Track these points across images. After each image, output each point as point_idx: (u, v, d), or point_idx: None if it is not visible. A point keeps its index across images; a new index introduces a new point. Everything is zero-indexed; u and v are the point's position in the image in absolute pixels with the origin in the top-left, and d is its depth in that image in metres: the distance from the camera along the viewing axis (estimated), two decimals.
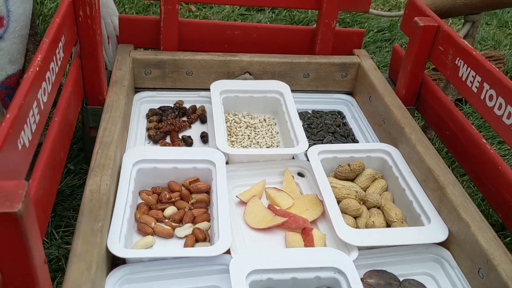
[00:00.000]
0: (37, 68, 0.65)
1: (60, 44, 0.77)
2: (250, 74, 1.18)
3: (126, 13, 1.90)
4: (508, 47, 1.89)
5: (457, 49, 0.92)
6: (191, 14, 1.98)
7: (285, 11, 2.01)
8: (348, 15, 2.00)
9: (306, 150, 0.96)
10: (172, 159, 0.90)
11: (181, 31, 1.17)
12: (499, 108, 0.79)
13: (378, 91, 1.09)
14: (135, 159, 0.88)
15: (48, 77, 0.70)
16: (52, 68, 0.73)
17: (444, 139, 0.99)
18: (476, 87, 0.86)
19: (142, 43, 1.18)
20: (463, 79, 0.90)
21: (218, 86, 1.11)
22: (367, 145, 1.00)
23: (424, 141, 0.92)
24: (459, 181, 1.20)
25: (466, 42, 0.90)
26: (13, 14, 0.89)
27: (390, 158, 0.96)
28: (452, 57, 0.93)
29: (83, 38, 0.89)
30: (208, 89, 1.14)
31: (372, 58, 1.75)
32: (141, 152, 0.90)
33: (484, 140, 0.86)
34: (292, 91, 1.18)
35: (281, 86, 1.14)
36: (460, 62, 0.91)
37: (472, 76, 0.87)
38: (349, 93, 1.24)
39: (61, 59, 0.78)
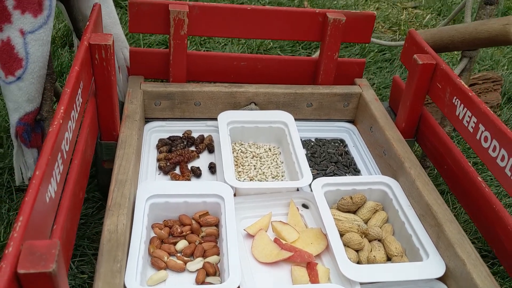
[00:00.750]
0: (61, 121, 0.69)
1: (79, 91, 0.82)
2: (255, 104, 1.23)
3: (127, 20, 1.95)
4: (506, 67, 1.93)
5: (454, 88, 0.96)
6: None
7: None
8: None
9: (310, 183, 1.00)
10: (182, 194, 0.95)
11: (189, 62, 1.22)
12: (494, 150, 0.84)
13: (379, 123, 1.13)
14: (148, 194, 0.93)
15: (70, 126, 0.75)
16: (73, 116, 0.77)
17: (442, 172, 1.03)
18: (472, 127, 0.91)
19: (151, 75, 1.23)
20: (460, 117, 0.94)
21: (225, 117, 1.16)
22: (369, 178, 1.04)
23: (423, 176, 0.97)
24: (456, 207, 1.25)
25: (462, 82, 0.95)
26: (31, 56, 0.93)
27: (390, 190, 1.01)
28: (449, 95, 0.98)
29: (98, 79, 0.94)
30: (215, 118, 1.19)
31: (372, 78, 1.80)
32: (153, 187, 0.94)
33: (480, 178, 0.91)
34: (296, 119, 1.23)
35: (285, 117, 1.19)
36: (457, 101, 0.95)
37: (468, 116, 0.92)
38: (351, 121, 1.29)
39: (80, 104, 0.83)
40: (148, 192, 0.93)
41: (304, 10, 1.20)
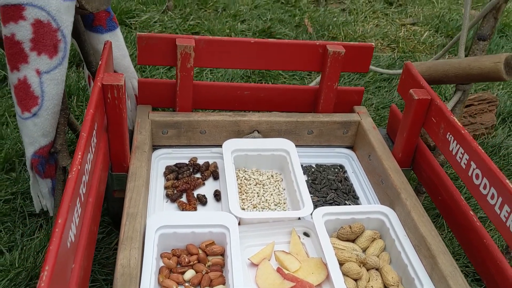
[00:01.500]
0: (79, 167, 0.75)
1: (94, 132, 0.87)
2: (258, 132, 1.28)
3: (136, 51, 2.00)
4: (501, 86, 1.99)
5: (448, 124, 1.01)
6: None
7: None
8: None
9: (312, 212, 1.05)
10: (190, 224, 1.00)
11: (195, 92, 1.27)
12: (484, 188, 0.89)
13: (376, 152, 1.19)
14: (157, 225, 0.98)
15: (86, 169, 0.80)
16: (89, 158, 0.82)
17: (436, 203, 1.09)
18: (464, 163, 0.96)
19: (159, 104, 1.28)
20: (453, 153, 0.99)
21: (230, 146, 1.21)
22: (367, 207, 1.09)
23: (418, 207, 1.02)
24: (451, 231, 1.30)
25: (456, 120, 1.00)
26: (47, 94, 0.98)
27: (387, 220, 1.06)
28: (443, 131, 1.03)
29: (110, 116, 0.99)
30: (220, 145, 1.24)
31: (371, 98, 1.85)
32: (162, 218, 0.99)
33: (471, 212, 0.96)
34: (297, 145, 1.28)
35: (287, 144, 1.24)
36: (451, 137, 1.00)
37: (461, 153, 0.97)
38: (350, 147, 1.34)
39: (95, 145, 0.88)
40: (157, 223, 0.98)
41: (305, 43, 1.25)
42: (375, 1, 2.72)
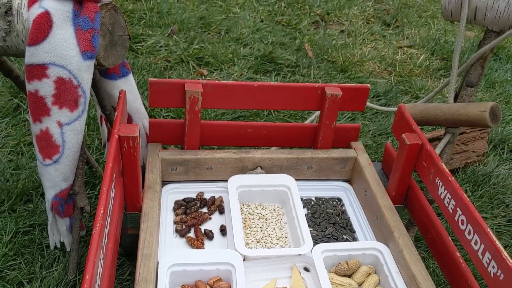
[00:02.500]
0: (102, 222, 0.83)
1: (113, 184, 0.96)
2: (261, 168, 1.36)
3: (143, 77, 2.09)
4: None
5: (437, 170, 1.10)
6: (203, 77, 2.16)
7: (290, 77, 2.19)
8: (348, 80, 2.18)
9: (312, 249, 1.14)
10: (198, 262, 1.08)
11: (202, 130, 1.35)
12: (469, 234, 0.97)
13: (372, 189, 1.27)
14: (169, 264, 1.06)
15: (107, 221, 0.89)
16: (109, 210, 0.91)
17: (427, 240, 1.17)
18: (451, 208, 1.04)
19: (168, 141, 1.36)
20: (442, 197, 1.08)
21: (235, 182, 1.30)
22: (363, 244, 1.18)
23: (410, 247, 1.10)
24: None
25: (444, 166, 1.08)
26: (67, 144, 1.07)
27: (381, 256, 1.14)
28: (433, 175, 1.11)
29: (126, 163, 1.07)
30: (225, 180, 1.33)
31: (368, 124, 1.94)
32: (173, 257, 1.08)
33: (458, 254, 1.04)
34: (298, 179, 1.37)
35: (288, 180, 1.33)
36: (439, 182, 1.09)
37: (448, 198, 1.05)
38: (347, 181, 1.42)
39: (114, 196, 0.96)
40: (169, 262, 1.06)
41: (304, 85, 1.33)
42: (373, 23, 2.80)
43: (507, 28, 1.14)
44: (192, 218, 1.26)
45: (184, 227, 1.24)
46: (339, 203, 1.37)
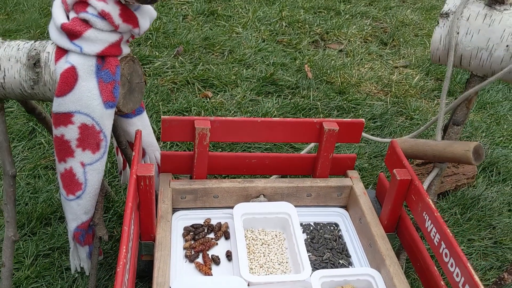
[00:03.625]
0: (124, 260, 0.94)
1: (132, 221, 1.07)
2: (264, 196, 1.48)
3: (151, 100, 2.20)
4: (484, 134, 2.18)
5: (424, 205, 1.21)
6: (208, 99, 2.27)
7: (290, 99, 2.30)
8: (345, 102, 2.29)
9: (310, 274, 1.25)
10: None
11: (210, 161, 1.46)
12: (451, 266, 1.08)
13: (366, 218, 1.38)
14: None
15: (128, 258, 1.00)
16: (130, 247, 1.02)
17: (416, 267, 1.28)
18: (436, 241, 1.15)
19: (178, 171, 1.47)
20: (428, 230, 1.19)
21: (239, 210, 1.41)
22: (357, 270, 1.29)
23: (400, 275, 1.21)
24: None
25: (431, 202, 1.19)
26: (89, 181, 1.18)
27: (374, 281, 1.25)
28: (421, 209, 1.23)
29: (142, 199, 1.19)
30: (231, 207, 1.44)
31: (364, 147, 2.04)
32: (184, 284, 1.19)
33: (442, 283, 1.16)
34: (298, 206, 1.48)
35: (289, 208, 1.44)
36: (426, 216, 1.20)
37: (434, 232, 1.16)
38: (344, 207, 1.54)
39: (133, 232, 1.07)
40: None
41: (304, 121, 1.44)
42: (371, 42, 2.91)
43: (490, 74, 1.25)
44: (200, 244, 1.37)
45: (193, 252, 1.35)
46: (336, 228, 1.49)
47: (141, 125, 1.37)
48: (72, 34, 1.08)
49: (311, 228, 1.47)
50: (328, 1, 3.33)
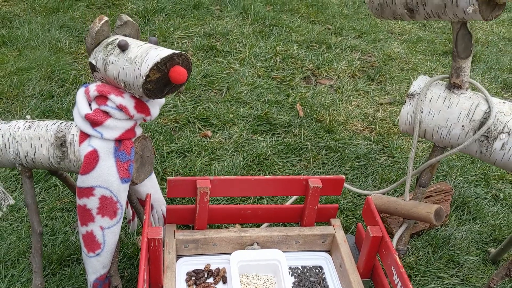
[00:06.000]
0: None
1: (145, 280, 1.27)
2: (258, 244, 1.68)
3: (155, 140, 2.40)
4: (459, 173, 2.39)
5: (392, 260, 1.42)
6: (208, 138, 2.48)
7: (283, 138, 2.51)
8: (333, 141, 2.50)
9: None
10: None
11: (210, 213, 1.67)
12: None
13: (345, 265, 1.59)
14: None
15: None
16: None
17: None
18: None
19: (182, 222, 1.68)
20: (395, 283, 1.40)
21: (236, 257, 1.61)
22: None
23: None
24: None
25: (397, 258, 1.40)
26: (107, 242, 1.39)
27: None
28: (389, 263, 1.44)
29: (152, 257, 1.39)
30: (228, 253, 1.65)
31: (354, 184, 2.25)
32: None
33: None
34: (286, 251, 1.69)
35: (279, 255, 1.64)
36: (394, 270, 1.41)
37: (400, 285, 1.37)
38: (328, 251, 1.75)
39: (146, 281, 1.28)
40: None
41: (292, 178, 1.65)
42: (359, 78, 3.12)
43: (450, 147, 1.46)
44: None
45: None
46: (320, 270, 1.69)
47: (150, 184, 1.58)
48: (94, 122, 1.28)
49: (299, 271, 1.68)
50: (320, 35, 3.53)
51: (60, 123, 1.38)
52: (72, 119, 1.35)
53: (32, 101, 2.58)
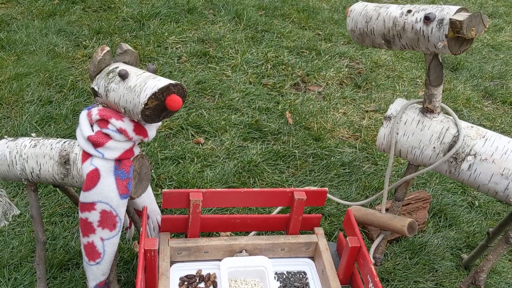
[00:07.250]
0: None
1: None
2: (246, 251, 1.81)
3: (151, 147, 2.51)
4: (438, 181, 2.53)
5: (368, 270, 1.55)
6: (200, 145, 2.59)
7: (273, 145, 2.63)
8: (320, 149, 2.62)
9: None
10: None
11: (202, 222, 1.79)
12: None
13: (326, 271, 1.72)
14: None
15: None
16: None
17: None
18: None
19: (175, 231, 1.80)
20: None
21: (225, 264, 1.74)
22: None
23: None
24: None
25: (373, 268, 1.53)
26: (107, 251, 1.50)
27: None
28: (366, 272, 1.57)
29: (148, 265, 1.52)
30: (218, 259, 1.77)
31: (334, 193, 2.38)
32: None
33: None
34: (273, 257, 1.82)
35: (265, 261, 1.77)
36: (369, 279, 1.54)
37: None
38: (311, 257, 1.88)
39: None
40: None
41: (279, 190, 1.78)
42: (346, 85, 3.24)
43: (423, 165, 1.59)
44: None
45: None
46: (304, 276, 1.83)
47: (146, 196, 1.70)
48: (96, 144, 1.39)
49: (284, 276, 1.82)
50: (311, 41, 3.65)
51: (64, 142, 1.49)
52: (73, 136, 1.47)
53: (31, 107, 2.68)
